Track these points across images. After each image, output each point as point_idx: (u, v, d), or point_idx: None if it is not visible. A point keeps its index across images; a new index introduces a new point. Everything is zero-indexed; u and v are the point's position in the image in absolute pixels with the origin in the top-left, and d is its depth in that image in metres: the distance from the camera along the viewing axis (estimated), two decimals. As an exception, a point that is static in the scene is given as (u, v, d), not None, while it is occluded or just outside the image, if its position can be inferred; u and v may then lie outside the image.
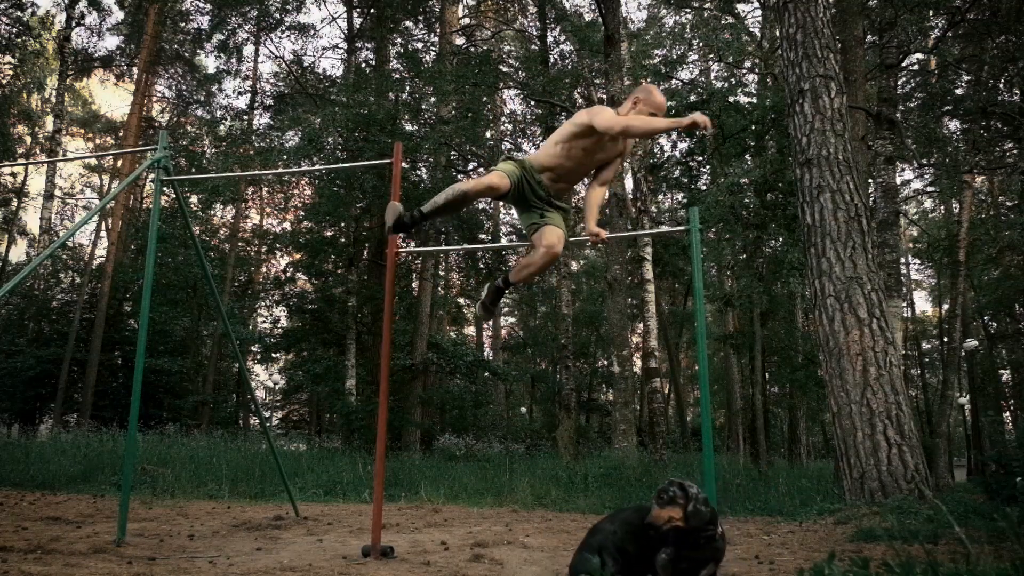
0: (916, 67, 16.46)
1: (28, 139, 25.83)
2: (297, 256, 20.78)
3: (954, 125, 16.35)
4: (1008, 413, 28.75)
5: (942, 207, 26.30)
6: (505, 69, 18.46)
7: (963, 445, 26.39)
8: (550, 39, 17.84)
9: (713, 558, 2.53)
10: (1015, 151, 14.67)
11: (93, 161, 29.40)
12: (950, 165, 14.44)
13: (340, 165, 14.84)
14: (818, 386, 14.29)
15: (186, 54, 24.59)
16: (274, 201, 24.17)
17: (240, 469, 8.97)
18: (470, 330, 31.52)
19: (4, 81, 20.88)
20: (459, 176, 18.86)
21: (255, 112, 21.30)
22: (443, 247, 17.48)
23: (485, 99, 17.73)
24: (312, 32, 27.93)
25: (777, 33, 10.46)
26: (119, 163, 23.82)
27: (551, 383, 24.16)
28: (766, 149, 12.99)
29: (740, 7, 17.86)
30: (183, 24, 23.13)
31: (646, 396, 18.20)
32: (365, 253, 18.98)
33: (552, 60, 17.67)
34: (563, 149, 3.59)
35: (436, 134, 15.82)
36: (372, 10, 19.38)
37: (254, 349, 22.43)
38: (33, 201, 26.61)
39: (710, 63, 20.81)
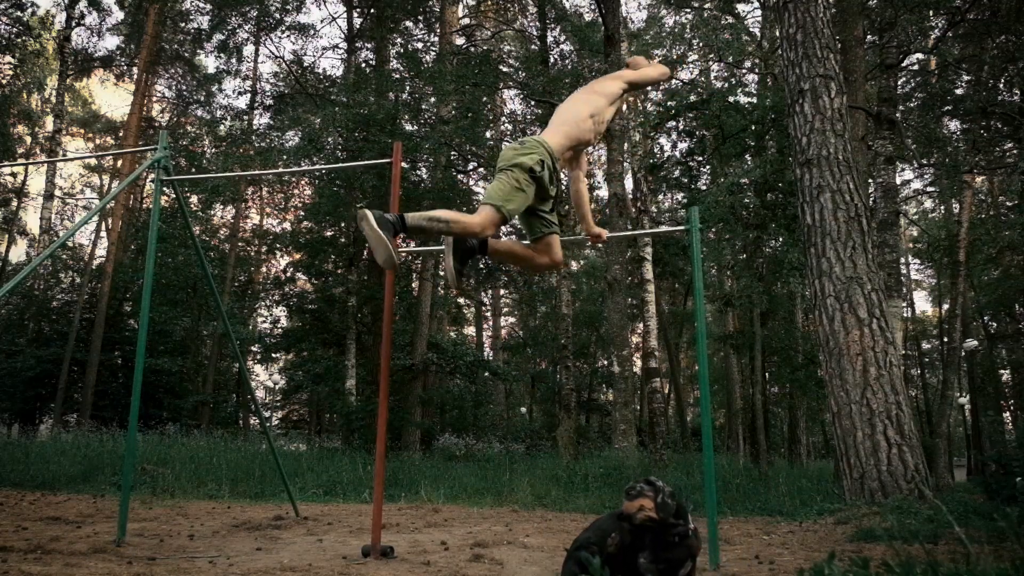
0: (916, 67, 16.45)
1: (28, 139, 25.84)
2: (297, 256, 20.79)
3: (954, 125, 16.35)
4: (1008, 413, 28.76)
5: (942, 207, 26.30)
6: (505, 69, 18.46)
7: (963, 445, 26.40)
8: (550, 39, 17.84)
9: (689, 555, 2.56)
10: (1015, 151, 14.66)
11: (93, 161, 29.40)
12: (950, 165, 14.43)
13: (340, 165, 14.85)
14: (818, 386, 14.28)
15: (186, 54, 24.59)
16: (274, 201, 24.18)
17: (240, 469, 8.97)
18: (470, 330, 31.53)
19: (4, 81, 20.88)
20: (459, 176, 18.86)
21: (255, 112, 21.31)
22: (443, 247, 17.47)
23: (485, 99, 17.72)
24: (312, 32, 27.90)
25: (777, 33, 10.46)
26: (119, 163, 23.81)
27: (551, 383, 24.15)
28: (766, 149, 12.98)
29: (740, 7, 17.87)
30: (183, 24, 23.13)
31: (646, 396, 18.20)
32: (365, 253, 18.96)
33: (552, 60, 17.66)
34: (596, 123, 3.33)
35: (436, 134, 15.81)
36: (372, 10, 19.38)
37: (254, 349, 22.44)
38: (33, 201, 26.64)
39: (710, 63, 20.80)
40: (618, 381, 12.14)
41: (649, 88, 20.91)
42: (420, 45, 19.77)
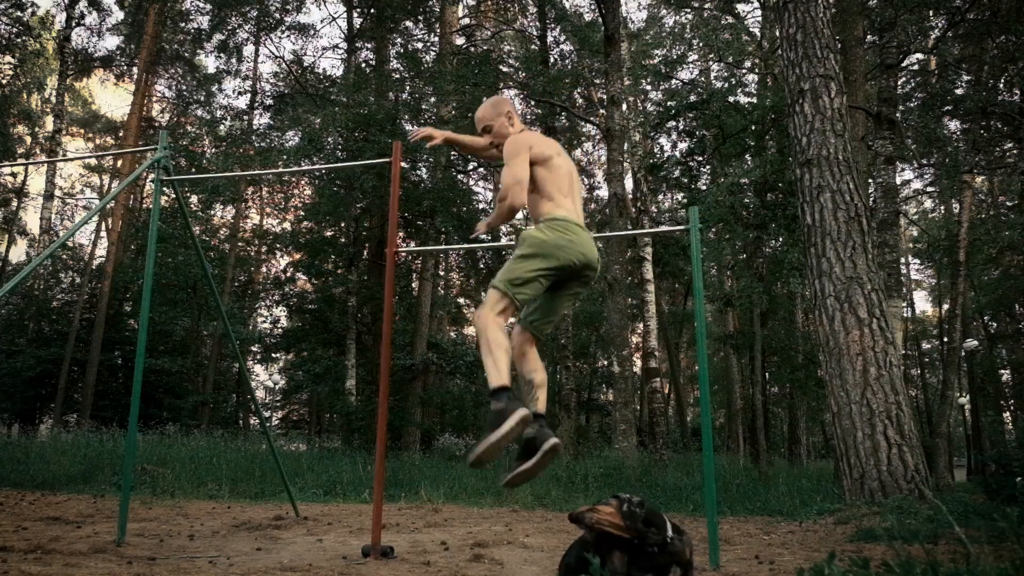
0: (916, 67, 16.46)
1: (28, 139, 25.83)
2: (297, 256, 20.77)
3: (954, 125, 16.35)
4: (1008, 413, 28.75)
5: (942, 207, 26.31)
6: (505, 69, 18.46)
7: (963, 445, 26.39)
8: (550, 39, 17.84)
9: (675, 562, 2.54)
10: (1015, 151, 14.67)
11: (93, 161, 29.39)
12: (950, 165, 14.44)
13: (340, 165, 14.85)
14: (818, 386, 14.28)
15: (186, 54, 24.60)
16: (274, 201, 24.17)
17: (240, 469, 8.97)
18: (470, 330, 31.51)
19: (4, 81, 20.88)
20: (459, 176, 18.84)
21: (255, 112, 21.31)
22: (443, 247, 17.49)
23: (485, 99, 17.72)
24: (312, 32, 27.96)
25: (777, 33, 10.47)
26: (119, 163, 23.82)
27: (551, 383, 24.11)
28: (766, 149, 12.99)
29: (740, 7, 17.89)
30: (183, 24, 23.13)
31: (646, 396, 18.20)
32: (365, 253, 18.96)
33: (552, 60, 17.66)
34: None
35: (436, 134, 15.76)
36: (372, 10, 19.38)
37: (254, 349, 22.42)
38: (33, 201, 26.63)
39: (710, 63, 20.80)
40: (618, 381, 12.14)
41: (649, 89, 20.70)
42: (420, 45, 19.79)
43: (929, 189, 22.16)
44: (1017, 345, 25.98)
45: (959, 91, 14.35)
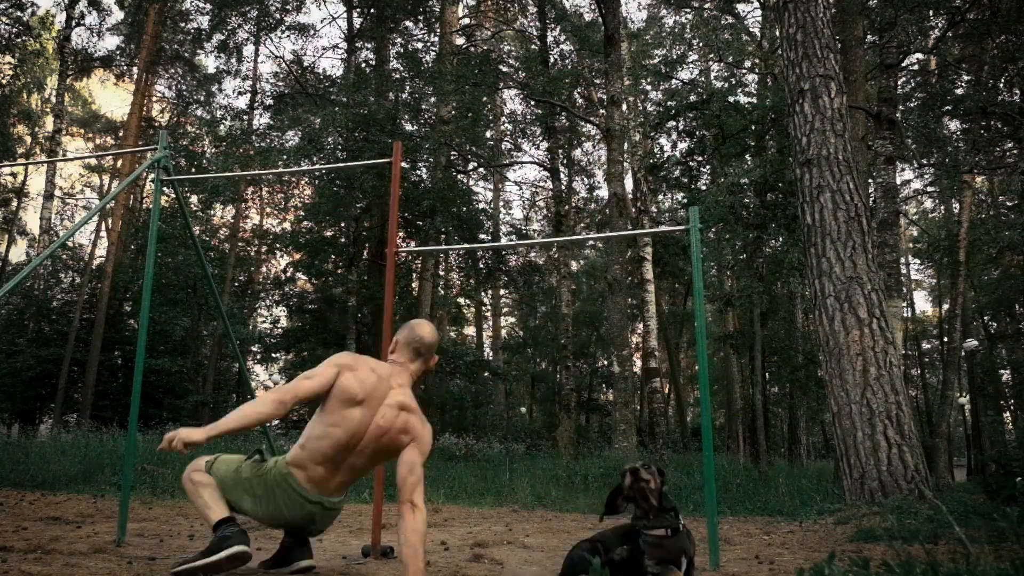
0: (916, 67, 16.46)
1: (28, 139, 25.83)
2: (297, 256, 20.78)
3: (954, 125, 16.35)
4: (1008, 413, 28.75)
5: (942, 207, 26.31)
6: (505, 69, 18.47)
7: (963, 445, 26.40)
8: (550, 39, 17.85)
9: (683, 551, 2.60)
10: (1015, 151, 14.67)
11: (93, 161, 29.39)
12: (950, 165, 14.44)
13: (340, 165, 14.84)
14: (818, 386, 14.28)
15: (186, 54, 24.61)
16: (274, 201, 24.17)
17: (240, 469, 8.94)
18: (470, 330, 31.53)
19: (4, 81, 20.87)
20: (459, 176, 18.83)
21: (255, 112, 21.31)
22: (443, 247, 17.48)
23: (485, 99, 17.73)
24: (312, 32, 27.93)
25: (777, 33, 10.47)
26: (119, 163, 23.81)
27: (551, 383, 24.12)
28: (766, 149, 13.00)
29: (740, 7, 17.87)
30: (183, 24, 23.15)
31: (646, 396, 18.20)
32: (365, 253, 18.96)
33: (552, 60, 17.67)
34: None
35: (436, 134, 15.81)
36: (372, 10, 19.38)
37: (254, 349, 22.42)
38: (33, 201, 26.63)
39: (710, 63, 20.80)
40: (618, 381, 12.14)
41: (649, 89, 20.71)
42: (420, 45, 19.78)
43: (929, 189, 22.17)
44: (1017, 345, 25.98)
45: (959, 91, 14.35)
